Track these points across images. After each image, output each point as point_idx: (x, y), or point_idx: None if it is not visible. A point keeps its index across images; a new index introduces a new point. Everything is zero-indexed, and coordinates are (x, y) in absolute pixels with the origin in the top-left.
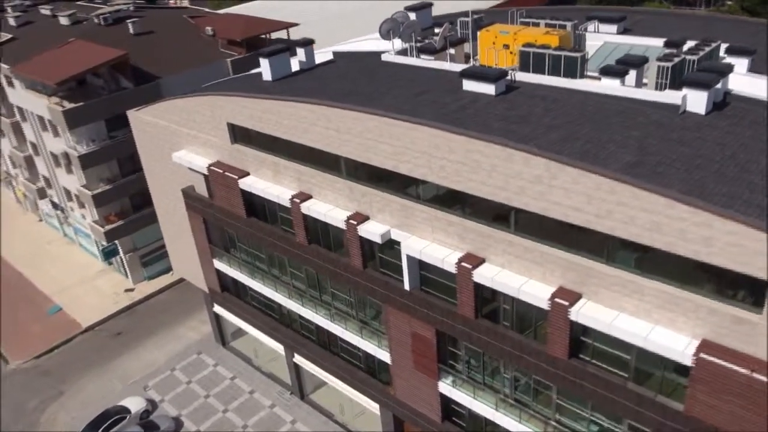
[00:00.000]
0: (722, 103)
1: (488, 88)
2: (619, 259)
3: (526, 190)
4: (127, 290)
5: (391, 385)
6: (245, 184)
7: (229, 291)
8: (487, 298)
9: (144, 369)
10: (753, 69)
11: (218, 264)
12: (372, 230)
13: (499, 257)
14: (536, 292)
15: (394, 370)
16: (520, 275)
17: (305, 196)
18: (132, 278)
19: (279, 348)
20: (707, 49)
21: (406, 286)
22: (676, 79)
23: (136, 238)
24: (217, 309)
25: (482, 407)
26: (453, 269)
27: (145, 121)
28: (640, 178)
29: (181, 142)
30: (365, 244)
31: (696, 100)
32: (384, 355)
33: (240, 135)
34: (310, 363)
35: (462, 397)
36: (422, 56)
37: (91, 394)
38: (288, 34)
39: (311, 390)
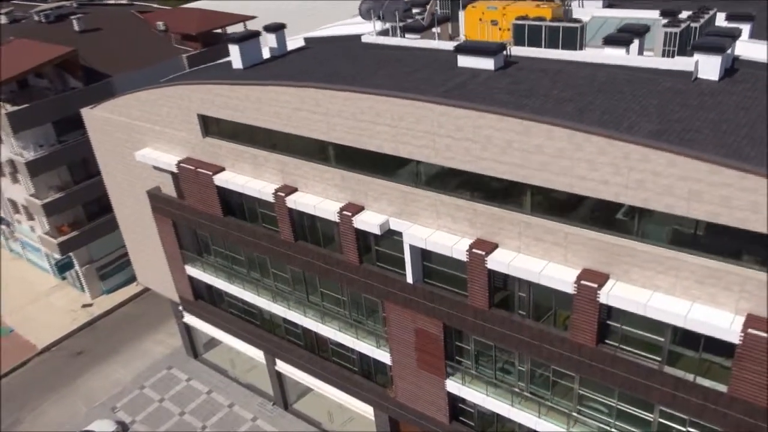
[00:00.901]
0: (731, 69)
1: (487, 63)
2: (650, 235)
3: (547, 166)
4: (84, 306)
5: (392, 387)
6: (221, 180)
7: (203, 298)
8: (498, 287)
9: (110, 389)
10: (753, 35)
11: (191, 270)
12: (369, 221)
13: (514, 241)
14: (560, 275)
15: (395, 370)
16: (539, 259)
17: (290, 189)
18: (89, 293)
19: (259, 356)
20: (706, 16)
21: (409, 279)
22: (684, 45)
23: (93, 249)
24: (188, 319)
25: (496, 404)
26: (464, 257)
27: (102, 119)
28: (672, 145)
29: (145, 139)
30: (361, 236)
31: (709, 66)
32: (383, 356)
33: (212, 127)
34: (296, 370)
35: (473, 394)
36: (407, 35)
37: (53, 420)
38: (245, 28)
39: (295, 399)
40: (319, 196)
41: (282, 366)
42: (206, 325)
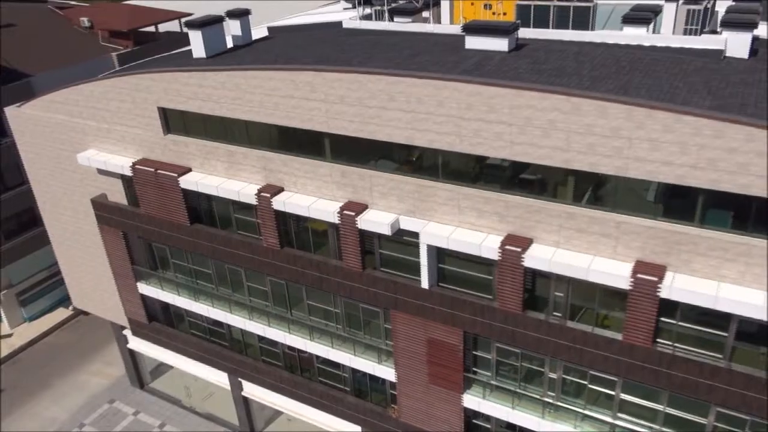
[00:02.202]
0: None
1: (500, 44)
2: (713, 219)
3: (597, 148)
4: (2, 337)
5: (394, 406)
6: (189, 182)
7: (158, 320)
8: (528, 288)
9: (43, 429)
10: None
11: (144, 288)
12: (377, 220)
13: (552, 235)
14: (612, 269)
15: (400, 387)
16: (583, 253)
17: (276, 189)
18: (8, 322)
19: (222, 381)
20: None
21: (425, 284)
22: (703, 24)
23: (11, 272)
24: (134, 344)
25: (524, 417)
26: (495, 255)
27: (33, 119)
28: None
29: (88, 139)
30: (364, 239)
31: (738, 44)
32: (386, 372)
33: (176, 122)
34: (268, 394)
35: (496, 408)
36: (396, 19)
37: None
38: (181, 26)
39: (263, 426)
40: (312, 196)
41: (250, 390)
42: (159, 350)
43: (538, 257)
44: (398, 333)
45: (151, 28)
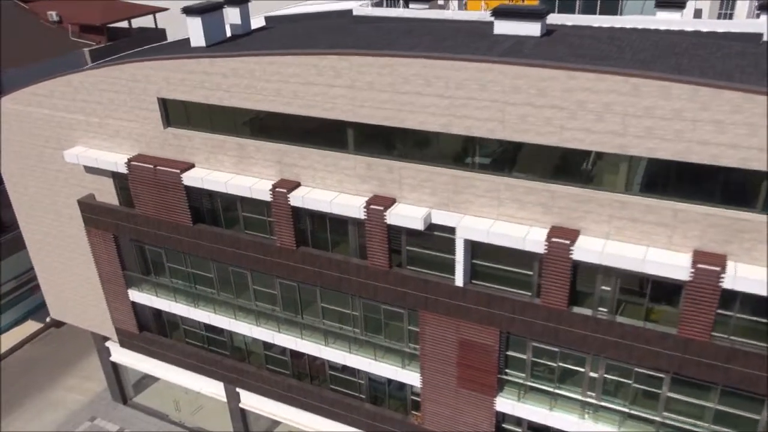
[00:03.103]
0: None
1: (532, 28)
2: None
3: (656, 131)
4: None
5: (416, 413)
6: (192, 179)
7: (149, 329)
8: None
9: None
10: None
11: (136, 295)
12: (408, 214)
13: (602, 226)
14: (670, 260)
15: (425, 393)
16: (635, 244)
17: (292, 185)
18: None
19: (218, 393)
20: None
21: (459, 282)
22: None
23: None
24: (117, 357)
25: (564, 419)
26: (540, 249)
27: (11, 114)
28: None
29: (75, 135)
30: (392, 236)
31: None
32: (409, 377)
33: (177, 115)
34: (270, 405)
35: (533, 411)
36: (412, 6)
37: None
38: (155, 21)
39: None
40: (332, 191)
41: (249, 401)
42: (146, 361)
43: (588, 249)
44: (426, 335)
45: (124, 24)
